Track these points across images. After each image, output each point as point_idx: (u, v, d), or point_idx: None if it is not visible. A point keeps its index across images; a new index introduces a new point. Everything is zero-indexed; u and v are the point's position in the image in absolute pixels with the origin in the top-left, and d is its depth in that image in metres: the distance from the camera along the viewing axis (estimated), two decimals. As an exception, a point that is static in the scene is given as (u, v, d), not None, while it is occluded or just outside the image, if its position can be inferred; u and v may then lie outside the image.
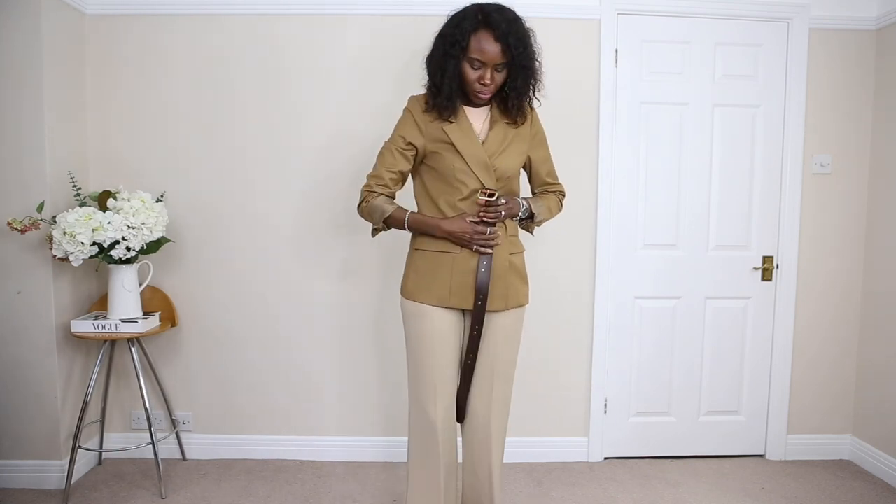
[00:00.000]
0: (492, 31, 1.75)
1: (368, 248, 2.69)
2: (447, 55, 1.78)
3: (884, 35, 2.68)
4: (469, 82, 1.81)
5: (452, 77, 1.79)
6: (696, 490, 2.56)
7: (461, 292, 1.85)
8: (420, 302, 1.88)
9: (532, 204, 1.96)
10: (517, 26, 1.77)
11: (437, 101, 1.83)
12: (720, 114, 2.72)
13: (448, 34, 1.79)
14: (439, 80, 1.81)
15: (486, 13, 1.76)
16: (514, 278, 1.92)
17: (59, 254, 2.30)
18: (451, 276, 1.84)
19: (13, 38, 2.32)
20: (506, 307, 1.90)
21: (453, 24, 1.79)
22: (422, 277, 1.89)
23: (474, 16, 1.77)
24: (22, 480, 2.49)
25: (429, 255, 1.88)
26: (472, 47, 1.76)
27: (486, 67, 1.78)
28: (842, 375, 2.85)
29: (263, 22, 2.62)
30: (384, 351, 2.74)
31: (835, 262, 2.80)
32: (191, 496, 2.47)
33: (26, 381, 2.46)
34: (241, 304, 2.74)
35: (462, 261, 1.84)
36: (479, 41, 1.75)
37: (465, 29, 1.76)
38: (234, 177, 2.68)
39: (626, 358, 2.81)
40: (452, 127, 1.84)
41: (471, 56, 1.77)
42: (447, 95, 1.80)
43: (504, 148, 1.88)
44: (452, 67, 1.78)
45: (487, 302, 1.85)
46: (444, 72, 1.79)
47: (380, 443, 2.79)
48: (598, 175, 2.69)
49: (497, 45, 1.75)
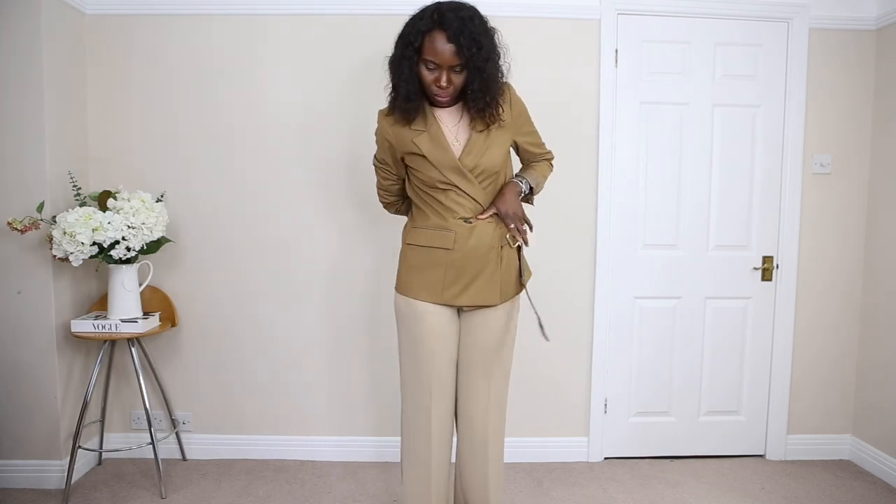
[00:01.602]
0: (444, 31, 1.67)
1: (369, 248, 2.69)
2: (403, 57, 1.74)
3: (884, 35, 2.68)
4: (426, 85, 1.76)
5: (409, 79, 1.75)
6: (696, 490, 2.56)
7: (453, 288, 1.84)
8: (413, 297, 1.86)
9: (528, 178, 1.95)
10: (472, 25, 1.68)
11: (395, 104, 1.80)
12: (720, 114, 2.72)
13: (405, 35, 1.75)
14: (397, 82, 1.78)
15: (441, 12, 1.69)
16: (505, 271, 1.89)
17: (59, 254, 2.30)
18: (445, 271, 1.83)
19: (13, 38, 2.32)
20: (501, 300, 1.88)
21: (410, 24, 1.74)
22: (414, 272, 1.87)
23: (430, 15, 1.70)
24: (22, 480, 2.49)
25: (421, 251, 1.86)
26: (425, 48, 1.70)
27: (440, 69, 1.72)
28: (842, 375, 2.85)
29: (260, 22, 2.62)
30: (383, 351, 2.74)
31: (835, 262, 2.80)
32: (191, 496, 2.47)
33: (26, 381, 2.46)
34: (241, 304, 2.74)
35: (456, 257, 1.82)
36: (433, 41, 1.69)
37: (419, 29, 1.69)
38: (233, 176, 2.68)
39: (626, 358, 2.81)
40: (422, 137, 1.80)
41: (425, 58, 1.71)
42: (405, 97, 1.76)
43: (486, 147, 1.82)
44: (408, 69, 1.74)
45: (481, 297, 1.85)
46: (401, 74, 1.75)
47: (379, 443, 2.79)
48: (598, 175, 2.69)
49: (450, 45, 1.67)
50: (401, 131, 1.83)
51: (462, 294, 1.84)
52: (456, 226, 1.81)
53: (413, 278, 1.87)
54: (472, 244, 1.81)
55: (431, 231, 1.85)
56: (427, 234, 1.85)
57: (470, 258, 1.82)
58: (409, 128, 1.82)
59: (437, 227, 1.84)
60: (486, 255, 1.83)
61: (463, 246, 1.81)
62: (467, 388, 1.93)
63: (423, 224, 1.87)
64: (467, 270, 1.83)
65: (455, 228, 1.81)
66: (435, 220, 1.84)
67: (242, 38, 2.63)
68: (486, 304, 1.87)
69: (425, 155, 1.80)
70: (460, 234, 1.81)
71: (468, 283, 1.84)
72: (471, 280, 1.84)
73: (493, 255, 1.85)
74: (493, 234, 1.84)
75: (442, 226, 1.83)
